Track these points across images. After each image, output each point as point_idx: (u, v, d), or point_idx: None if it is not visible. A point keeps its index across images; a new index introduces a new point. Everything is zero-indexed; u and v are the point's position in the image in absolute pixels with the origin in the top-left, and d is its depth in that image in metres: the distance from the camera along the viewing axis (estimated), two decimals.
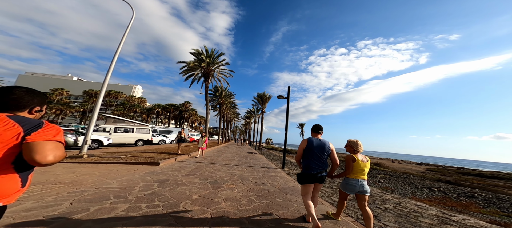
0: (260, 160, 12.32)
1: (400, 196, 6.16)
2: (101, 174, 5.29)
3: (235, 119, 70.41)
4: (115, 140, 13.75)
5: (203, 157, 9.86)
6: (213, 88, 34.49)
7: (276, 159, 14.81)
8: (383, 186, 9.54)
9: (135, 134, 14.75)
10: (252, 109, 42.69)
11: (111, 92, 71.23)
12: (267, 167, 9.25)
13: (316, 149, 2.88)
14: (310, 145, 2.90)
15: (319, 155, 2.88)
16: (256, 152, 20.63)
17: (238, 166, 8.73)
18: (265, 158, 14.69)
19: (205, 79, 23.13)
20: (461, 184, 12.31)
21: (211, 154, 13.22)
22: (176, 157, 9.11)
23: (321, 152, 2.89)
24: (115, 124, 14.15)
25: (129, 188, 4.20)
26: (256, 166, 9.47)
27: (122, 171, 5.84)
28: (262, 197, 4.34)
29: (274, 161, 12.96)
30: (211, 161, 9.87)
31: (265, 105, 31.89)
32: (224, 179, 5.85)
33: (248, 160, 11.59)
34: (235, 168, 8.10)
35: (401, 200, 5.35)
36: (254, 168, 8.74)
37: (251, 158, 13.39)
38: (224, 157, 12.37)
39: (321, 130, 3.10)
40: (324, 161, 2.92)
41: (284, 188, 5.41)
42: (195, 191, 4.41)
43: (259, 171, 8.03)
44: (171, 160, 8.30)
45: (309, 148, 2.90)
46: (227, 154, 14.36)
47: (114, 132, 13.77)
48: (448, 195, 8.42)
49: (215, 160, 10.14)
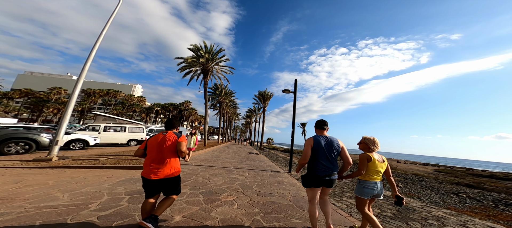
0: (263, 162, 11.17)
1: (433, 205, 5.02)
2: (55, 184, 4.10)
3: (236, 118, 69.31)
4: (105, 139, 12.62)
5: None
6: (213, 86, 33.31)
7: (280, 160, 13.65)
8: (404, 192, 8.37)
9: (127, 133, 13.58)
10: (253, 108, 41.54)
11: (110, 91, 70.20)
12: (271, 171, 8.10)
13: (324, 148, 2.53)
14: (317, 143, 2.55)
15: (327, 154, 2.53)
16: (257, 152, 19.48)
17: (239, 169, 7.58)
18: (268, 159, 13.54)
19: (204, 76, 21.98)
20: (485, 188, 11.13)
21: (209, 155, 12.10)
22: None
23: (330, 150, 2.53)
24: (105, 122, 12.97)
25: (81, 206, 3.04)
26: (259, 168, 8.31)
27: (90, 178, 4.68)
28: (272, 216, 3.19)
29: (278, 162, 11.81)
30: (208, 163, 8.73)
31: (267, 103, 30.71)
32: (221, 188, 4.69)
33: (250, 162, 10.45)
34: (235, 172, 6.95)
35: (445, 212, 4.20)
36: (257, 171, 7.58)
37: (253, 159, 12.25)
38: (223, 158, 11.24)
39: (326, 125, 2.72)
40: (334, 161, 2.57)
41: (297, 199, 4.26)
42: (180, 208, 3.25)
43: (263, 175, 6.88)
44: None
45: (316, 147, 2.54)
46: (226, 155, 13.23)
47: (103, 131, 12.63)
48: (483, 203, 7.26)
49: (213, 162, 9.00)
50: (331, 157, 2.52)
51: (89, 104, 68.46)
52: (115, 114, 67.59)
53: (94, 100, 68.56)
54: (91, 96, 67.93)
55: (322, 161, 2.49)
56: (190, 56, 21.34)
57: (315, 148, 2.52)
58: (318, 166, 2.49)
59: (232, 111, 51.31)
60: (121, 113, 68.29)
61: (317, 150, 2.52)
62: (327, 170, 2.48)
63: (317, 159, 2.51)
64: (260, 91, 30.91)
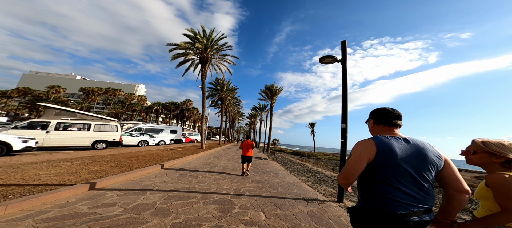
0: (279, 175, 7.42)
1: None
2: None
3: (239, 118, 65.65)
4: (58, 141, 9.10)
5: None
6: (214, 81, 29.87)
7: (301, 170, 9.80)
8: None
9: (92, 132, 10.09)
10: (258, 106, 37.80)
11: (109, 89, 67.73)
12: (304, 199, 4.36)
13: (405, 160, 1.18)
14: (387, 150, 1.18)
15: (413, 172, 1.17)
16: (266, 157, 15.70)
17: (244, 199, 3.89)
18: (283, 168, 9.76)
19: (202, 66, 18.42)
20: None
21: (201, 163, 8.47)
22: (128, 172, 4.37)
23: (418, 165, 1.18)
24: (58, 117, 9.48)
25: None
26: (280, 194, 4.59)
27: None
28: None
29: (301, 175, 8.02)
30: (194, 174, 5.10)
31: (275, 99, 26.93)
32: None
33: (260, 176, 6.73)
34: (236, 211, 3.25)
35: None
36: (281, 206, 3.85)
37: (263, 169, 8.52)
38: (221, 167, 7.60)
39: (401, 119, 1.33)
40: (427, 187, 1.18)
41: None
42: None
43: (295, 218, 3.15)
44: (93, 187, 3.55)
45: (386, 157, 1.18)
46: (226, 161, 9.57)
47: (55, 129, 9.15)
48: None
49: (200, 178, 5.35)
50: (422, 178, 1.16)
51: (88, 104, 66.12)
52: (114, 113, 64.97)
53: (94, 99, 66.19)
54: (90, 95, 65.54)
55: (400, 185, 1.14)
56: (184, 42, 17.78)
57: (382, 160, 1.17)
58: (391, 193, 1.13)
59: (235, 109, 47.66)
60: (120, 112, 65.63)
61: (387, 164, 1.16)
62: (414, 203, 1.12)
63: (389, 181, 1.15)
64: (267, 86, 27.17)
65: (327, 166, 17.76)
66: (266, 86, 27.07)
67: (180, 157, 8.98)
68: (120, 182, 4.30)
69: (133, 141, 15.47)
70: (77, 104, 64.33)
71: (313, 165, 14.22)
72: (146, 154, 9.47)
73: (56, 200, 3.09)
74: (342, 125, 4.61)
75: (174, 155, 9.60)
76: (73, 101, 68.87)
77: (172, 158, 8.59)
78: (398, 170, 1.16)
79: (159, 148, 14.08)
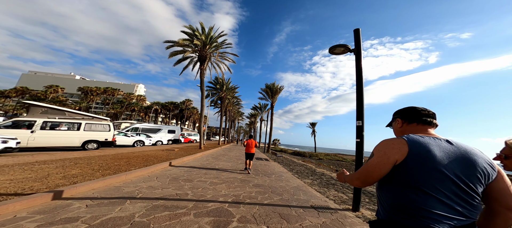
0: (282, 178, 6.80)
1: None
2: None
3: (239, 118, 64.99)
4: (45, 141, 8.45)
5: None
6: (213, 79, 29.25)
7: (305, 172, 9.17)
8: None
9: (82, 131, 9.47)
10: (259, 105, 37.18)
11: (108, 89, 67.12)
12: (313, 207, 3.74)
13: (447, 166, 0.93)
14: (424, 153, 0.95)
15: (457, 181, 0.91)
16: (267, 158, 15.08)
17: (244, 207, 3.28)
18: (285, 169, 9.13)
19: (200, 64, 17.81)
20: None
21: (198, 164, 7.85)
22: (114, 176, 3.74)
23: (465, 173, 0.93)
24: (44, 115, 8.82)
25: None
26: (284, 201, 3.96)
27: None
28: None
29: (306, 178, 7.40)
30: (188, 177, 4.48)
31: (275, 98, 26.27)
32: None
33: (262, 179, 6.11)
34: (234, 219, 2.64)
35: None
36: (287, 215, 3.23)
37: (264, 171, 7.90)
38: (220, 169, 6.98)
39: (435, 118, 1.15)
40: (474, 198, 0.93)
41: None
42: None
43: None
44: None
45: (423, 160, 0.94)
46: (225, 162, 8.95)
47: (41, 128, 8.53)
48: None
49: (195, 182, 4.73)
50: (468, 187, 0.92)
51: (87, 103, 65.49)
52: (112, 113, 64.36)
53: (92, 99, 65.59)
54: (89, 95, 64.92)
55: (439, 194, 0.90)
56: (182, 39, 17.17)
57: (416, 162, 0.95)
58: (426, 204, 0.91)
59: (235, 109, 47.04)
60: (119, 112, 65.04)
61: (423, 167, 0.94)
62: (456, 217, 0.89)
63: (424, 188, 0.92)
64: (267, 84, 26.54)
65: (330, 166, 17.13)
66: (267, 85, 26.44)
67: (176, 158, 8.35)
68: (97, 189, 3.66)
69: (128, 141, 14.83)
70: (75, 104, 63.72)
71: (316, 166, 13.59)
72: (138, 155, 8.84)
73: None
74: (357, 122, 3.97)
75: (169, 156, 8.97)
76: (72, 101, 68.25)
77: (167, 159, 7.97)
78: (436, 176, 0.93)
79: (154, 149, 13.45)
